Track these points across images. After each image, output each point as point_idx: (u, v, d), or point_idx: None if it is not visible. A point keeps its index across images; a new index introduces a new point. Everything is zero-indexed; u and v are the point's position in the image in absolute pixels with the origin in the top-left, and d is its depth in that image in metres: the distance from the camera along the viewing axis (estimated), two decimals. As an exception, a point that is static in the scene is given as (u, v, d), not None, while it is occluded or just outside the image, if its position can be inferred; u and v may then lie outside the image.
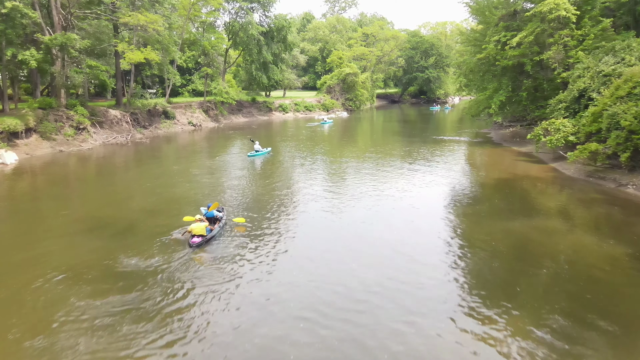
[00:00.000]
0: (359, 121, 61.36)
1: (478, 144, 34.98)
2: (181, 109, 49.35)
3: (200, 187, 21.74)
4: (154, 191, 20.79)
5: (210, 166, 27.43)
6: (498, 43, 32.14)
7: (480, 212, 17.16)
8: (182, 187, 21.72)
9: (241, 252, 12.90)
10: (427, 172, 24.42)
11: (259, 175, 25.36)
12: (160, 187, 21.69)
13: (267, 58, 55.81)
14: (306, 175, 24.68)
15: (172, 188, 21.34)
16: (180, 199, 19.06)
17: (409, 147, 33.52)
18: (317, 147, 34.74)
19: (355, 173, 24.45)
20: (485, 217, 16.46)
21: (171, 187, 21.66)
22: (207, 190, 20.85)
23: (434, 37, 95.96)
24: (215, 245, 13.50)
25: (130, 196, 19.97)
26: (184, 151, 35.27)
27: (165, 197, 19.63)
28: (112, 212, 17.13)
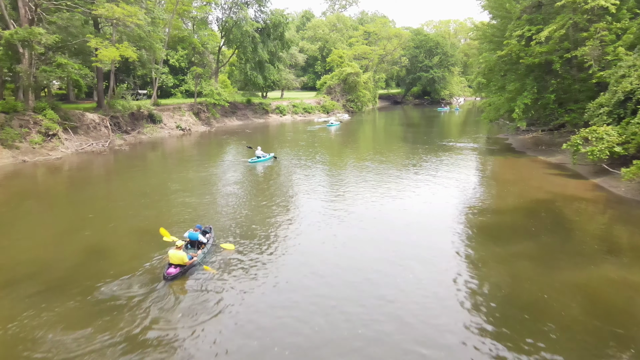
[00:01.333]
0: (361, 124, 57.50)
1: (497, 152, 31.13)
2: (169, 111, 45.49)
3: (181, 207, 18.04)
4: (121, 214, 16.98)
5: (196, 179, 23.60)
6: (521, 38, 28.33)
7: (514, 247, 13.33)
8: (158, 208, 17.93)
9: (227, 284, 11.01)
10: (444, 190, 20.60)
11: (255, 190, 21.70)
12: (131, 208, 17.91)
13: (263, 56, 51.94)
14: (309, 192, 20.90)
15: (146, 210, 17.53)
16: (153, 226, 15.28)
17: (419, 157, 29.68)
18: (320, 156, 30.89)
19: (361, 190, 20.62)
20: (522, 258, 12.59)
21: (145, 208, 17.87)
22: (188, 212, 17.16)
23: (439, 35, 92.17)
24: (195, 276, 11.46)
25: (86, 224, 16.09)
26: (168, 160, 31.40)
27: (133, 223, 15.85)
28: (54, 251, 13.27)
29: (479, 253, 13.15)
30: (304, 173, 25.23)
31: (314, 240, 14.35)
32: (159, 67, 42.18)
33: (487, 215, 16.81)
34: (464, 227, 15.45)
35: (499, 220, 16.27)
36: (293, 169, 26.58)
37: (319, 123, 54.52)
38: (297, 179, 24.02)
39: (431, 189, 20.97)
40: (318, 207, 18.06)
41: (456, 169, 25.65)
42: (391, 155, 30.75)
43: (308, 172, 25.53)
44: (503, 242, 13.95)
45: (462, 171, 25.39)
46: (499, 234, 14.87)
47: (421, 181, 22.51)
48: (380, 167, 26.34)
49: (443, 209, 17.66)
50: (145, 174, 25.99)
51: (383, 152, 31.99)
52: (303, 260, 12.67)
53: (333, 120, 54.14)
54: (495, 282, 11.22)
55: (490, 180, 23.40)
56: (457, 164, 27.42)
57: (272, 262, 12.45)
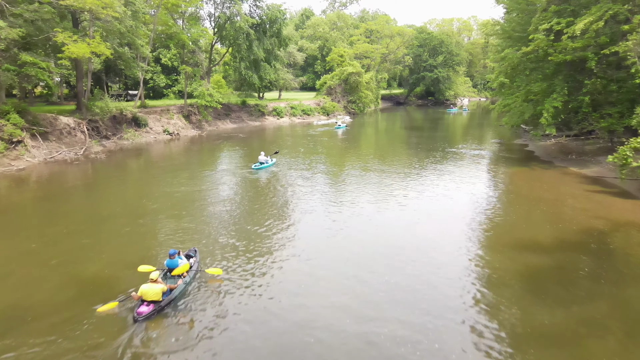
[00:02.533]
0: (364, 127, 53.85)
1: (519, 161, 27.57)
2: (156, 114, 41.96)
3: (159, 230, 15.12)
4: (72, 245, 13.48)
5: (180, 195, 20.11)
6: (550, 32, 24.80)
7: (566, 309, 9.81)
8: (125, 236, 14.60)
9: (212, 323, 9.34)
10: (461, 209, 17.22)
11: (250, 205, 18.51)
12: (89, 234, 14.52)
13: (259, 55, 48.35)
14: (311, 210, 17.69)
15: (108, 239, 14.13)
16: (122, 257, 12.17)
17: (430, 167, 26.14)
18: (323, 166, 27.32)
19: (369, 211, 17.11)
20: (586, 332, 9.08)
21: (108, 236, 14.51)
22: (167, 237, 14.28)
23: (443, 33, 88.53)
24: (175, 312, 9.85)
25: (24, 258, 12.55)
26: (150, 170, 27.84)
27: (86, 258, 12.48)
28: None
29: (512, 323, 9.52)
30: (306, 186, 21.81)
31: (316, 271, 11.85)
32: (144, 66, 38.58)
33: (518, 251, 13.24)
34: (488, 270, 11.92)
35: (536, 259, 12.67)
36: (294, 180, 23.10)
37: (320, 126, 51.02)
38: (298, 192, 20.68)
39: (446, 208, 17.63)
40: (323, 231, 15.21)
41: (474, 183, 22.11)
42: (399, 165, 27.20)
43: (311, 185, 22.09)
44: (545, 299, 10.31)
45: (481, 185, 21.87)
46: (537, 282, 11.28)
47: (434, 199, 19.03)
48: (389, 180, 22.78)
49: (460, 238, 14.21)
50: (119, 188, 22.44)
51: (391, 162, 28.44)
52: (302, 292, 10.34)
53: (340, 122, 51.30)
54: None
55: (517, 197, 19.82)
56: (474, 176, 23.88)
57: (268, 291, 10.75)
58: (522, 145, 33.75)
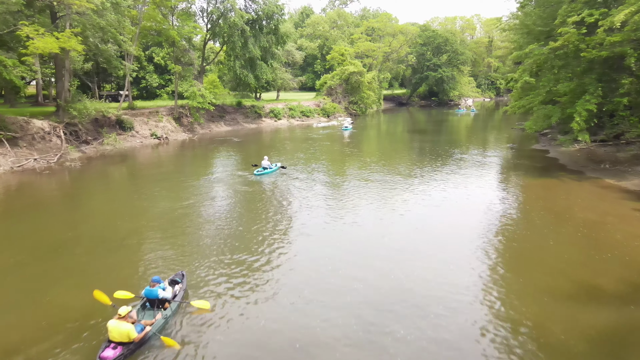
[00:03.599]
0: (367, 129, 50.72)
1: (544, 171, 24.56)
2: (143, 116, 38.97)
3: (136, 257, 12.67)
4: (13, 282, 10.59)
5: (162, 211, 17.30)
6: (580, 26, 21.82)
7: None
8: (97, 262, 11.78)
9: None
10: (484, 232, 14.30)
11: (246, 221, 15.87)
12: (52, 262, 11.58)
13: (254, 53, 45.30)
14: (316, 231, 14.99)
15: (76, 266, 11.28)
16: (86, 285, 9.57)
17: (443, 179, 23.17)
18: (327, 177, 24.35)
19: (374, 233, 14.18)
20: None
21: (75, 263, 11.68)
22: (144, 262, 11.89)
23: (448, 31, 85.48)
24: (151, 354, 8.07)
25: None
26: (131, 180, 24.87)
27: (54, 288, 9.91)
28: None
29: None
30: (310, 200, 18.91)
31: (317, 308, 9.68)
32: (129, 65, 35.59)
33: (562, 296, 10.32)
34: (521, 322, 8.95)
35: (593, 311, 9.72)
36: (295, 192, 20.16)
37: (321, 128, 48.06)
38: (302, 208, 17.90)
39: (465, 228, 14.78)
40: (329, 257, 12.50)
41: (495, 198, 19.14)
42: (410, 175, 24.19)
43: (316, 198, 19.16)
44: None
45: (504, 201, 18.90)
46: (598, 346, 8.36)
47: (451, 217, 16.07)
48: (400, 195, 19.81)
49: (483, 275, 11.24)
50: (91, 203, 19.46)
51: (400, 172, 25.43)
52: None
53: (347, 123, 48.79)
54: None
55: (550, 217, 16.81)
56: (495, 189, 20.90)
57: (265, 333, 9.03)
58: (541, 151, 30.72)
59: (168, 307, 9.53)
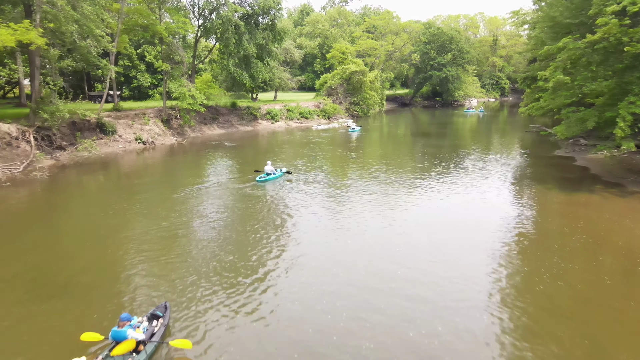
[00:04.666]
0: (372, 132, 47.50)
1: (576, 183, 21.44)
2: (128, 119, 35.87)
3: (107, 294, 10.47)
4: None
5: (138, 232, 14.32)
6: (622, 16, 18.74)
7: None
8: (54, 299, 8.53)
9: None
10: (522, 265, 11.12)
11: (238, 244, 13.08)
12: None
13: (249, 50, 42.17)
14: (320, 253, 12.27)
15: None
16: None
17: (462, 193, 20.12)
18: (333, 189, 21.28)
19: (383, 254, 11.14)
20: None
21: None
22: (113, 295, 9.47)
23: (453, 29, 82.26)
24: None
25: None
26: (105, 193, 21.78)
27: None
28: None
29: None
30: (313, 215, 15.90)
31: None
32: (108, 63, 32.48)
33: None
34: None
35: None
36: (296, 207, 17.08)
37: (321, 131, 44.96)
38: (305, 226, 15.17)
39: (494, 262, 11.63)
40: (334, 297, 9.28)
41: (527, 217, 16.08)
42: (423, 188, 21.12)
43: (320, 215, 16.15)
44: None
45: (538, 221, 15.81)
46: None
47: (473, 241, 12.99)
48: (414, 212, 16.76)
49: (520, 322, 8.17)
50: (47, 224, 16.35)
51: (412, 184, 22.36)
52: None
53: (354, 125, 46.20)
54: None
55: (594, 244, 13.72)
56: (524, 205, 17.83)
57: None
58: (566, 158, 27.59)
59: (142, 350, 8.05)
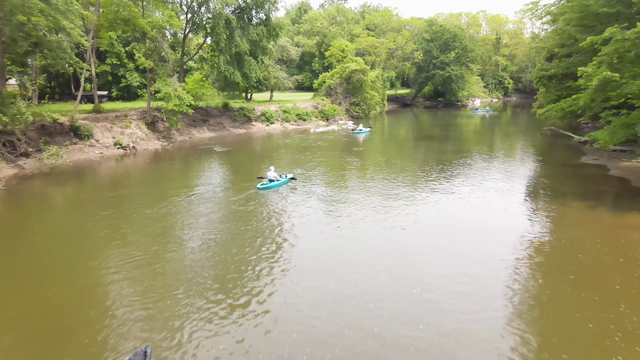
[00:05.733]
0: (375, 135, 44.34)
1: (618, 199, 18.27)
2: (107, 121, 32.61)
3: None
4: None
5: (110, 261, 11.28)
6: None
7: None
8: None
9: None
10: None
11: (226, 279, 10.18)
12: None
13: (242, 47, 38.93)
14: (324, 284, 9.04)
15: None
16: None
17: (485, 210, 17.01)
18: (337, 204, 18.12)
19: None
20: None
21: None
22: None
23: (456, 26, 79.12)
24: None
25: None
26: (67, 210, 18.62)
27: None
28: None
29: None
30: (316, 237, 12.71)
31: None
32: (81, 62, 29.25)
33: None
34: None
35: None
36: (303, 226, 13.97)
37: (319, 134, 41.79)
38: (305, 252, 11.80)
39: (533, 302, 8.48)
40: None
41: (568, 241, 12.94)
42: (438, 203, 18.01)
43: (328, 237, 12.98)
44: None
45: (582, 246, 12.66)
46: None
47: (499, 272, 9.87)
48: (434, 245, 13.62)
49: None
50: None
51: (425, 198, 19.23)
52: None
53: (361, 126, 43.05)
54: None
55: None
56: (564, 226, 14.71)
57: None
58: (597, 167, 24.39)
59: None
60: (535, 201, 18.04)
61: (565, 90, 33.98)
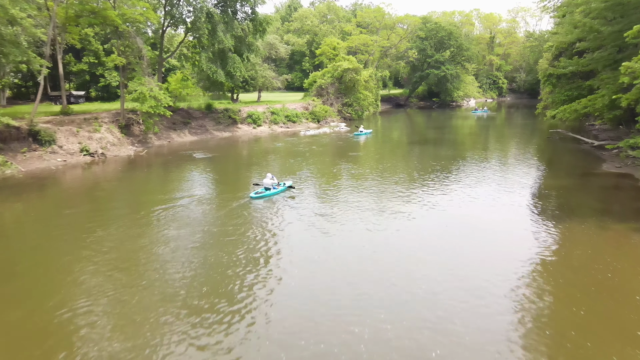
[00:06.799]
0: (373, 138, 41.40)
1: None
2: (73, 125, 29.27)
3: None
4: None
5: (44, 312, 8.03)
6: None
7: None
8: None
9: None
10: None
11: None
12: None
13: (225, 43, 35.70)
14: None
15: None
16: None
17: (507, 234, 14.24)
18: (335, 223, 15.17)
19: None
20: None
21: None
22: None
23: (452, 24, 76.67)
24: None
25: None
26: (20, 235, 15.41)
27: None
28: None
29: None
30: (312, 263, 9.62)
31: None
32: (35, 56, 25.93)
33: None
34: None
35: None
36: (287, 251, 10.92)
37: (309, 137, 38.86)
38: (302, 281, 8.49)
39: None
40: None
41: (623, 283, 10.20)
42: (449, 224, 15.18)
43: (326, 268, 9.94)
44: None
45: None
46: None
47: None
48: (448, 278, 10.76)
49: None
50: None
51: (435, 216, 16.41)
52: None
53: (361, 128, 40.60)
54: None
55: None
56: (607, 259, 11.97)
57: None
58: (624, 177, 21.61)
59: None
60: (568, 223, 15.23)
61: (575, 90, 31.47)
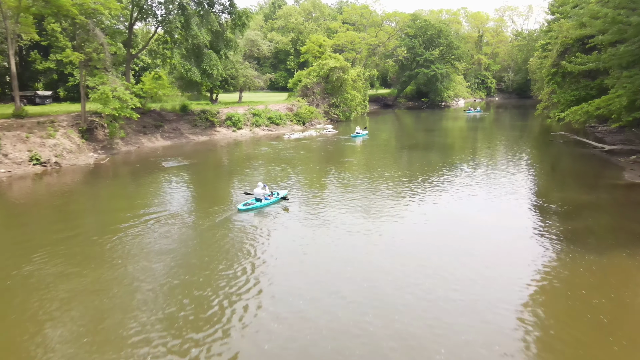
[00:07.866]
0: (370, 140, 38.34)
1: None
2: (23, 129, 25.62)
3: None
4: None
5: None
6: None
7: None
8: None
9: None
10: None
11: None
12: None
13: (200, 38, 32.25)
14: None
15: None
16: None
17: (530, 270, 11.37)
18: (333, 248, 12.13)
19: None
20: None
21: None
22: None
23: (441, 22, 74.37)
24: None
25: None
26: None
27: None
28: None
29: None
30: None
31: None
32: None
33: None
34: None
35: None
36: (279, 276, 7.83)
37: (294, 141, 35.74)
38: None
39: None
40: None
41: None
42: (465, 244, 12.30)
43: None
44: None
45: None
46: None
47: None
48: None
49: None
50: None
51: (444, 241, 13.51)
52: None
53: (359, 129, 39.04)
54: None
55: None
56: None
57: None
58: (634, 182, 19.20)
59: None
60: (608, 257, 12.48)
61: (583, 89, 29.15)
